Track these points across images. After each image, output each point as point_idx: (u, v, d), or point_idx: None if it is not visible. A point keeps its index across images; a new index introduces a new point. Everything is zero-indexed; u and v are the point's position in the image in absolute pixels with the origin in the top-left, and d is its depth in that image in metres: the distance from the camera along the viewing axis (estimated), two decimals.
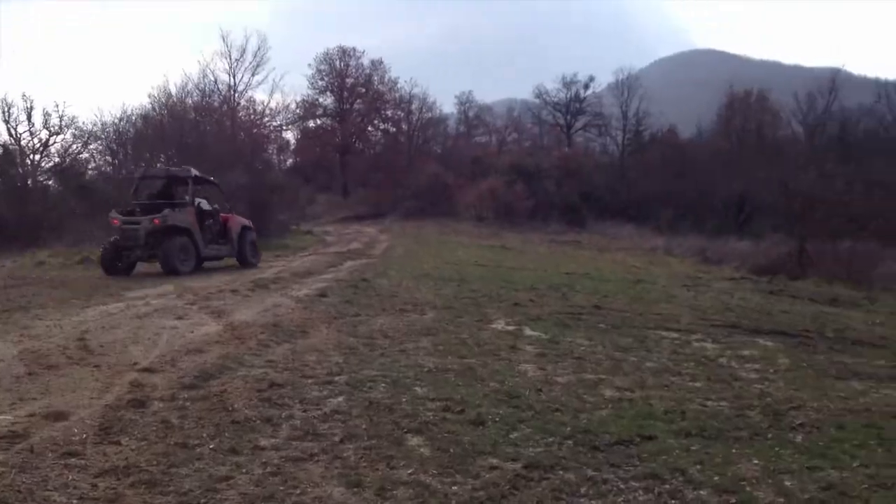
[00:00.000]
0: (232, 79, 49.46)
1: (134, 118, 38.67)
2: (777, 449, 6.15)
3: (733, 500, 4.97)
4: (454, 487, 4.85)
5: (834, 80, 53.19)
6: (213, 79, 48.26)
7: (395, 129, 59.24)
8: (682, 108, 79.51)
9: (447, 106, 70.62)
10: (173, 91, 43.88)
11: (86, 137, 35.01)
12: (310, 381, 7.24)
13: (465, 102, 68.81)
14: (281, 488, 4.66)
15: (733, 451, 6.02)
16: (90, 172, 34.94)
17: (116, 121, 38.08)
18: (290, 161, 60.77)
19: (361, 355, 8.50)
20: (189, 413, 5.98)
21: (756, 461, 5.79)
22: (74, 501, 4.30)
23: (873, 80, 65.69)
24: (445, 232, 36.46)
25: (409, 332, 10.04)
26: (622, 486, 5.09)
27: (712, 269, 24.98)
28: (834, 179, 39.21)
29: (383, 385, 7.24)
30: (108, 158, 37.98)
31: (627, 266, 24.46)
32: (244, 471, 4.91)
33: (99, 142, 36.72)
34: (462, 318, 11.59)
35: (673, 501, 4.89)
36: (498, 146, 65.77)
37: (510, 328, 10.96)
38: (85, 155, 35.97)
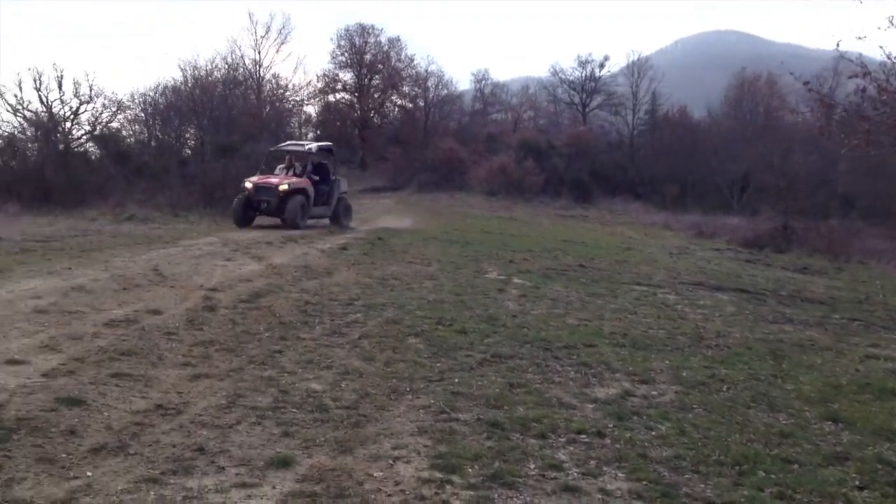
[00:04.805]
0: (257, 55, 51.53)
1: (165, 90, 40.73)
2: (688, 357, 8.17)
3: (637, 378, 6.99)
4: (438, 364, 6.88)
5: (837, 65, 54.32)
6: (240, 54, 50.39)
7: (411, 105, 61.04)
8: (699, 89, 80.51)
9: (464, 83, 72.14)
10: (202, 65, 46.05)
11: (115, 107, 36.93)
12: (335, 303, 9.31)
13: (480, 80, 70.39)
14: (317, 359, 6.72)
15: (652, 355, 8.05)
16: (127, 140, 36.97)
17: (151, 92, 40.14)
18: (311, 135, 62.79)
19: (375, 290, 10.56)
20: (248, 316, 8.09)
21: (667, 361, 7.81)
22: (180, 357, 6.38)
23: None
24: (457, 204, 38.44)
25: (415, 277, 12.08)
26: (559, 368, 7.12)
27: (704, 242, 26.84)
28: (836, 162, 41.03)
29: (392, 308, 9.28)
30: (138, 128, 40.09)
31: (623, 237, 26.34)
32: (291, 349, 6.98)
33: (129, 111, 38.73)
34: (461, 269, 13.59)
35: (593, 379, 6.90)
36: (513, 124, 67.28)
37: (501, 277, 12.96)
38: (115, 124, 37.98)
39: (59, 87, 33.89)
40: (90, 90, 34.52)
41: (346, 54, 58.02)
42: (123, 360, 6.00)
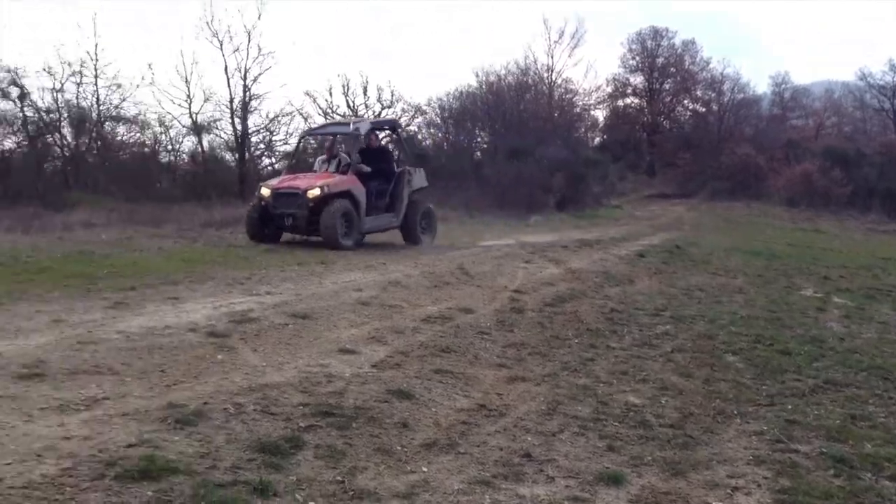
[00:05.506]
0: (550, 59, 52.09)
1: (461, 95, 42.46)
2: None
3: None
4: (764, 387, 6.31)
5: None
6: (533, 59, 51.24)
7: (704, 110, 58.61)
8: None
9: (761, 86, 68.17)
10: (496, 70, 47.42)
11: (413, 111, 39.01)
12: (641, 312, 8.98)
13: (780, 83, 66.06)
14: (631, 370, 6.43)
15: None
16: (424, 143, 39.01)
17: (448, 97, 42.13)
18: (597, 139, 62.45)
19: (681, 301, 10.07)
20: (554, 320, 8.00)
21: None
22: (494, 357, 6.40)
23: None
24: (755, 213, 36.26)
25: (721, 290, 11.39)
26: None
27: None
28: None
29: (702, 322, 8.76)
30: (433, 130, 42.14)
31: None
32: (602, 357, 6.76)
33: (425, 116, 40.83)
34: (771, 284, 12.64)
35: None
36: (815, 130, 62.47)
37: (818, 295, 11.85)
38: (413, 127, 40.15)
39: (364, 92, 36.45)
40: (391, 95, 36.86)
41: (638, 58, 57.02)
42: (443, 357, 6.11)
